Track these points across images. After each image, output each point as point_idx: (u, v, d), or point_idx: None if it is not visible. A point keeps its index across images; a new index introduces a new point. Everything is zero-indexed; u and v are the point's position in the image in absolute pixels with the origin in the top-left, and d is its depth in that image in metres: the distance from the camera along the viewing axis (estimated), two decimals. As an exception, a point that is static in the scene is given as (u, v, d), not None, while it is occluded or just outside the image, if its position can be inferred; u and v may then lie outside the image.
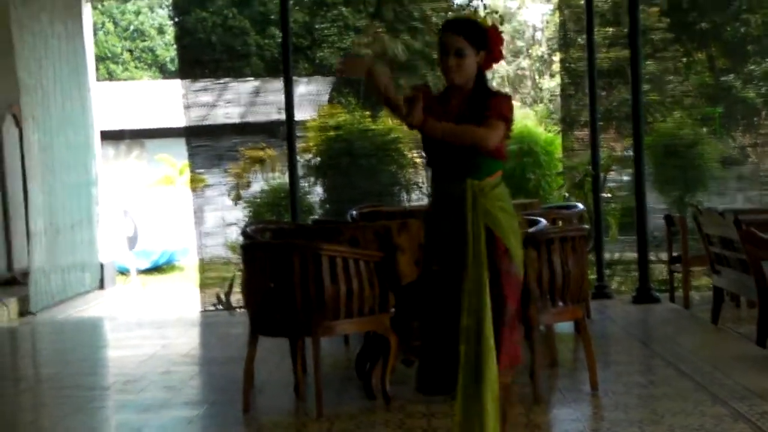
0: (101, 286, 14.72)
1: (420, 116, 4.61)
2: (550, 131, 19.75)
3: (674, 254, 10.47)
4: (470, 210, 4.67)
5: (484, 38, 4.78)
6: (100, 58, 24.45)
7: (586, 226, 7.59)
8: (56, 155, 13.55)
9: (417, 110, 4.60)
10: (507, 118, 4.72)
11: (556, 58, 27.15)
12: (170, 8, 27.05)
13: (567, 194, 13.46)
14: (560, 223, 8.45)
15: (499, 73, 33.29)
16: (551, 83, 31.10)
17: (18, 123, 13.08)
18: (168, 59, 33.44)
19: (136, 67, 33.81)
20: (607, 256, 11.96)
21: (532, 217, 6.88)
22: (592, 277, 10.88)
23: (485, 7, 13.51)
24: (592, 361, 6.51)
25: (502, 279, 4.69)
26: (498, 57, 4.86)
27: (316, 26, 18.84)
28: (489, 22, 4.86)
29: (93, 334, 11.11)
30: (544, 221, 6.69)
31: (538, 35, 34.57)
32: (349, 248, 6.22)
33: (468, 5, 13.53)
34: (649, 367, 7.57)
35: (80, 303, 13.31)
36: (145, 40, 34.34)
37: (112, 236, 15.99)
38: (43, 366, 9.11)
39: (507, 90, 33.05)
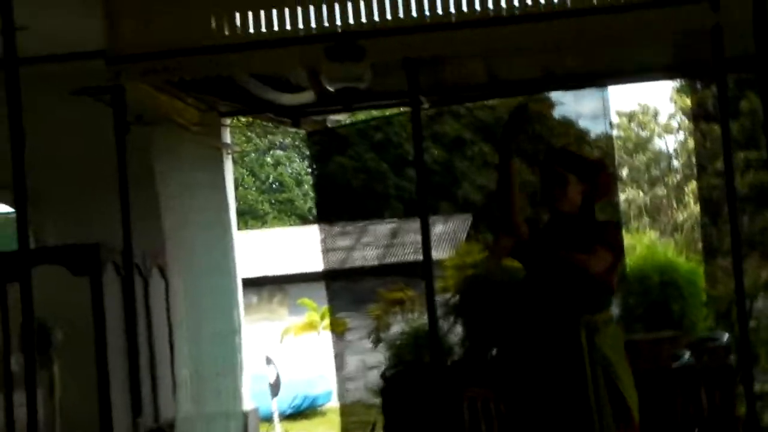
0: (245, 434, 14.77)
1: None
2: (691, 260, 19.37)
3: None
4: (586, 354, 4.30)
5: (586, 168, 4.60)
6: (239, 212, 25.14)
7: (733, 357, 7.40)
8: (201, 304, 13.77)
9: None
10: (615, 247, 4.46)
11: (689, 186, 26.80)
12: (309, 157, 27.81)
13: (713, 325, 13.11)
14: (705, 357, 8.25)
15: (636, 203, 32.97)
16: (687, 211, 30.64)
17: (163, 275, 13.38)
18: (307, 209, 34.10)
19: (275, 218, 34.51)
20: (757, 387, 11.52)
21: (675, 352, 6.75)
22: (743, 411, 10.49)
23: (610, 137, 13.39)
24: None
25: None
26: (606, 190, 4.65)
27: (455, 164, 19.00)
28: (593, 153, 4.78)
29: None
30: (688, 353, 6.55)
31: (675, 163, 34.30)
32: (488, 390, 6.17)
33: (603, 135, 13.47)
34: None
35: (225, 451, 13.37)
36: (284, 191, 35.10)
37: (254, 384, 16.11)
38: None
39: (645, 220, 32.72)
